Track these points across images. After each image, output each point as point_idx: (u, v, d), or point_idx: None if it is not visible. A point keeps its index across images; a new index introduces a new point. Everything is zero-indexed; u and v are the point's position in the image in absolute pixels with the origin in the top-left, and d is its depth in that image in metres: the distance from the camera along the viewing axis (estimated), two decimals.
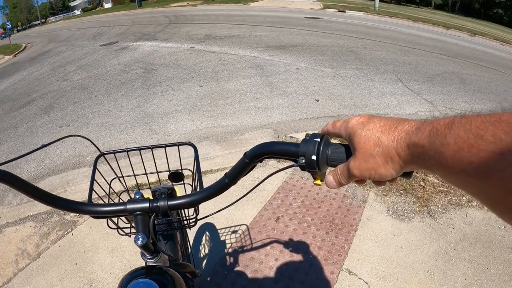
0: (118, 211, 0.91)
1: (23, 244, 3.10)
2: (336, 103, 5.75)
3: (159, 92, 6.97)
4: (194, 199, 0.89)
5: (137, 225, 0.91)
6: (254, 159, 0.78)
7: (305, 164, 0.66)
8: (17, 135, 6.09)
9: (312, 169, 0.67)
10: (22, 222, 3.42)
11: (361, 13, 22.14)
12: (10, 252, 3.02)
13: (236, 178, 0.85)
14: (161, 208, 0.91)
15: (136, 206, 0.91)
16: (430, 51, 10.34)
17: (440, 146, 0.45)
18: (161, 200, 0.91)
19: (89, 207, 0.90)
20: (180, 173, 1.25)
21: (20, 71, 12.61)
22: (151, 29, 16.67)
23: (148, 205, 0.90)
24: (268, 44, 10.40)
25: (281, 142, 0.74)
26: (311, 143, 0.66)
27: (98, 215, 0.91)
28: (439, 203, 2.99)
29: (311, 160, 0.65)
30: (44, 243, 3.06)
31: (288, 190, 3.24)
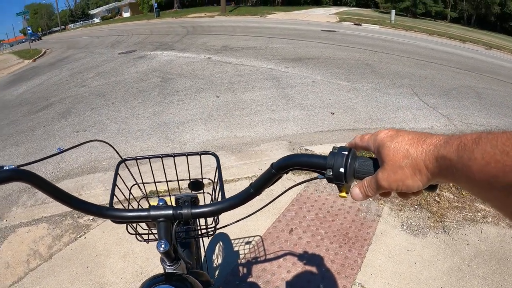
0: (142, 216, 0.92)
1: (36, 244, 3.15)
2: (351, 116, 5.76)
3: (175, 101, 7.05)
4: (218, 208, 0.89)
5: (159, 232, 0.92)
6: (281, 170, 0.78)
7: (332, 177, 0.67)
8: (34, 137, 6.22)
9: (339, 182, 0.67)
10: (35, 223, 3.48)
11: (377, 27, 22.18)
12: (22, 252, 3.06)
13: (261, 188, 0.84)
14: (184, 216, 0.91)
15: (160, 213, 0.91)
16: (446, 65, 10.30)
17: (468, 160, 0.46)
18: (185, 208, 0.91)
19: (114, 212, 0.91)
20: (200, 182, 1.26)
21: (39, 76, 12.88)
22: (169, 39, 16.87)
23: (171, 212, 0.91)
24: (285, 57, 10.45)
25: (308, 154, 0.75)
26: (339, 156, 0.67)
27: (122, 220, 0.92)
28: (454, 219, 2.96)
29: (339, 173, 0.66)
30: (57, 245, 3.10)
31: (302, 203, 3.26)
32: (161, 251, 0.89)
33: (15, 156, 5.56)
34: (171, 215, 0.91)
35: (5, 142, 6.26)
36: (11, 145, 6.06)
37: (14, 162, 5.13)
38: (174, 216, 0.91)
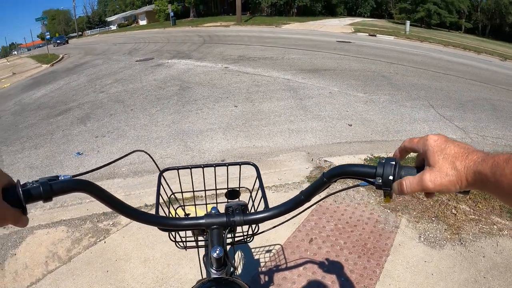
0: (196, 224, 0.96)
1: (54, 247, 3.18)
2: (368, 128, 5.82)
3: (194, 110, 7.16)
4: (270, 215, 0.93)
5: (212, 238, 0.95)
6: (331, 178, 0.85)
7: (382, 184, 0.75)
8: (53, 141, 6.37)
9: (387, 188, 0.75)
10: (54, 226, 3.52)
11: (392, 37, 22.17)
12: (40, 253, 3.10)
13: (311, 195, 0.90)
14: (237, 223, 0.95)
15: (213, 220, 0.95)
16: (462, 77, 10.28)
17: (500, 176, 0.57)
18: (237, 215, 0.96)
19: (170, 221, 0.95)
20: (237, 190, 1.27)
21: (57, 80, 13.13)
22: (186, 48, 17.04)
23: (225, 220, 0.95)
24: (301, 67, 10.53)
25: (357, 164, 0.83)
26: (388, 166, 0.75)
27: (177, 228, 0.96)
28: (470, 231, 3.00)
29: (388, 180, 0.75)
30: (76, 248, 3.12)
31: (321, 213, 3.32)
32: (216, 256, 0.93)
33: (33, 159, 5.70)
34: (225, 222, 0.95)
35: (23, 145, 6.43)
36: (29, 148, 6.21)
37: (33, 164, 5.31)
38: (227, 223, 0.95)
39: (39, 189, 0.72)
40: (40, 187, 0.73)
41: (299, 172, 4.24)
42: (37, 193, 0.72)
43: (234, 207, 1.02)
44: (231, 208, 1.02)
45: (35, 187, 0.73)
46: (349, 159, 4.49)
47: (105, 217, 3.58)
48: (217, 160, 4.88)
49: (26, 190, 0.71)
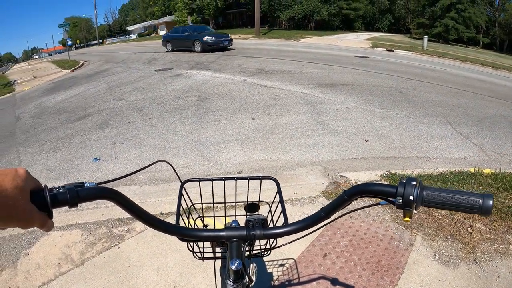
0: (216, 236, 0.98)
1: (68, 249, 3.24)
2: (385, 144, 5.82)
3: (211, 121, 7.23)
4: (290, 230, 0.94)
5: (231, 251, 0.97)
6: (352, 196, 0.86)
7: (402, 203, 0.77)
8: (71, 145, 6.50)
9: (408, 208, 0.77)
10: (69, 229, 3.59)
11: (410, 53, 22.08)
12: (53, 255, 3.16)
13: (331, 213, 0.92)
14: (257, 237, 0.97)
15: (234, 233, 0.97)
16: (479, 93, 10.19)
17: None
18: (257, 229, 0.97)
19: (191, 232, 0.97)
20: (256, 204, 1.29)
21: (77, 86, 13.37)
22: (204, 59, 17.18)
23: (245, 233, 0.97)
24: (319, 82, 10.56)
25: (378, 183, 0.87)
26: (409, 186, 0.77)
27: (197, 239, 0.99)
28: (486, 251, 2.98)
29: (408, 200, 0.76)
30: (89, 251, 3.18)
31: (336, 228, 3.34)
32: (234, 269, 0.94)
33: (51, 161, 5.82)
34: (245, 236, 0.97)
35: (42, 147, 6.58)
36: (48, 150, 6.36)
37: (50, 167, 5.41)
38: (247, 237, 0.97)
39: (66, 194, 0.75)
40: (67, 192, 0.76)
41: (315, 186, 4.26)
42: (63, 199, 0.75)
43: (254, 221, 1.04)
44: (252, 222, 1.05)
45: (62, 192, 0.76)
46: (365, 175, 4.51)
47: (120, 223, 3.65)
48: (233, 172, 4.94)
49: (53, 195, 0.74)
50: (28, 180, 0.71)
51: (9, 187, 0.66)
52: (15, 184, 0.67)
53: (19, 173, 0.69)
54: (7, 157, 6.37)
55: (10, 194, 0.65)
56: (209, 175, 4.86)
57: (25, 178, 0.70)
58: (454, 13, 43.54)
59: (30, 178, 0.72)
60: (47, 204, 0.73)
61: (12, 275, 2.98)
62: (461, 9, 43.59)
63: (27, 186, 0.70)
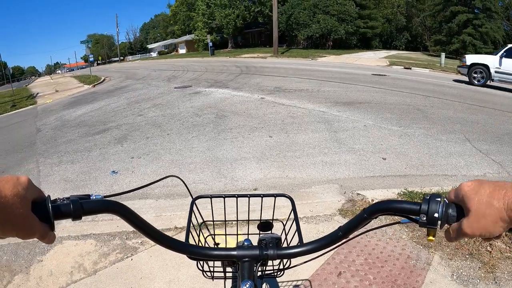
0: (228, 256, 0.93)
1: (81, 258, 3.30)
2: (403, 162, 5.78)
3: (229, 138, 7.29)
4: (305, 250, 0.90)
5: (242, 271, 0.92)
6: (373, 215, 0.82)
7: (426, 221, 0.73)
8: (89, 158, 6.63)
9: (432, 226, 0.73)
10: (83, 238, 3.66)
11: (427, 70, 21.98)
12: (66, 263, 3.23)
13: (350, 232, 0.87)
14: (270, 256, 0.92)
15: (246, 253, 0.92)
16: (498, 109, 10.03)
17: None
18: (271, 249, 0.92)
19: (201, 250, 0.93)
20: (270, 223, 1.23)
21: (98, 101, 13.66)
22: (223, 77, 17.39)
23: (258, 253, 0.92)
24: (336, 100, 10.58)
25: (399, 200, 0.80)
26: (433, 202, 0.73)
27: (208, 258, 0.94)
28: (506, 270, 2.93)
29: (433, 218, 0.73)
30: (102, 262, 3.24)
31: (352, 247, 3.33)
32: None
33: (69, 173, 5.94)
34: (257, 256, 0.92)
35: (61, 158, 6.73)
36: (66, 162, 6.49)
37: (68, 178, 5.52)
38: (260, 257, 0.92)
39: (69, 206, 0.73)
40: (71, 204, 0.73)
41: (331, 204, 4.26)
42: (66, 211, 0.73)
43: (267, 240, 1.00)
44: (265, 241, 1.00)
45: (65, 204, 0.73)
46: (382, 193, 4.49)
47: (134, 235, 3.71)
48: (249, 188, 4.96)
49: (56, 206, 0.72)
50: (30, 189, 0.69)
51: (9, 194, 0.64)
52: (16, 191, 0.65)
53: (20, 181, 0.67)
54: (26, 167, 6.53)
55: (10, 201, 0.63)
56: (225, 191, 4.89)
57: (27, 186, 0.68)
58: (471, 29, 43.26)
59: (33, 187, 0.70)
60: (49, 215, 0.70)
61: (24, 280, 3.06)
62: (478, 25, 43.30)
63: (28, 195, 0.68)
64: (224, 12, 48.84)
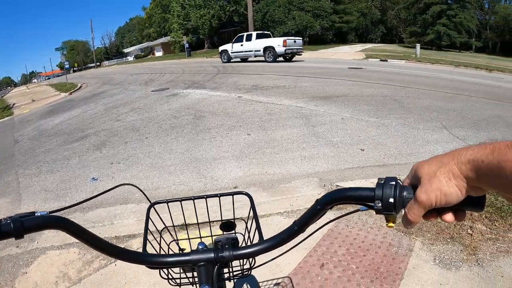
0: (182, 261, 0.90)
1: (65, 267, 3.26)
2: (381, 152, 5.80)
3: (207, 138, 7.23)
4: (261, 248, 0.88)
5: (200, 276, 0.90)
6: (326, 205, 0.78)
7: (382, 208, 0.68)
8: (69, 166, 6.51)
9: (389, 212, 0.68)
10: (66, 247, 3.60)
11: (403, 62, 22.26)
12: (51, 273, 3.18)
13: (305, 225, 0.84)
14: (226, 258, 0.89)
15: (201, 257, 0.90)
16: (474, 96, 10.19)
17: (501, 161, 0.52)
18: (226, 250, 0.90)
19: (153, 258, 0.90)
20: (232, 222, 1.21)
21: (75, 108, 13.44)
22: (200, 78, 17.27)
23: (213, 256, 0.90)
24: (313, 95, 10.59)
25: (354, 187, 0.75)
26: (387, 186, 0.68)
27: (163, 266, 0.91)
28: (488, 251, 2.95)
29: (388, 203, 0.67)
30: (87, 269, 3.20)
31: (333, 238, 3.32)
32: None
33: (49, 182, 5.83)
34: (213, 259, 0.90)
35: (40, 168, 6.58)
36: (46, 172, 6.36)
37: (48, 188, 5.41)
38: (216, 259, 0.90)
39: (9, 226, 0.71)
40: (11, 223, 0.71)
41: (311, 198, 4.24)
42: (7, 230, 0.71)
43: (223, 242, 0.99)
44: (221, 243, 0.99)
45: (6, 223, 0.71)
46: (361, 184, 4.48)
47: (116, 241, 3.68)
48: (229, 187, 4.92)
49: None
50: None
51: None
52: None
53: None
54: (5, 179, 6.36)
55: None
56: (206, 191, 4.85)
57: None
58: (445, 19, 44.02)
59: None
60: None
61: None
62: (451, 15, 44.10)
63: None
64: (199, 13, 48.69)
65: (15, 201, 5.25)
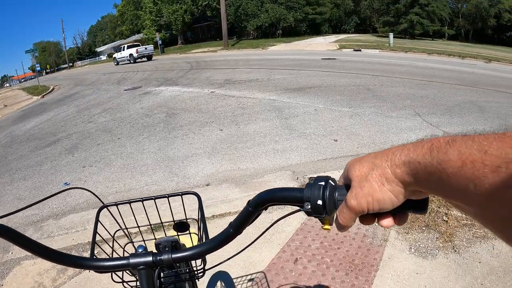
0: (120, 265, 0.87)
1: (40, 277, 3.20)
2: (355, 142, 5.77)
3: (180, 135, 7.13)
4: (199, 251, 0.86)
5: (141, 280, 0.88)
6: (257, 207, 0.75)
7: (311, 210, 0.64)
8: (41, 172, 6.33)
9: (319, 214, 0.64)
10: None
11: (377, 51, 22.46)
12: (26, 284, 3.13)
13: (241, 228, 0.81)
14: (165, 261, 0.87)
15: (139, 260, 0.87)
16: (447, 83, 10.33)
17: (441, 162, 0.43)
18: (165, 253, 0.87)
19: (91, 262, 0.86)
20: (185, 223, 1.20)
21: (47, 112, 13.17)
22: (173, 75, 17.18)
23: (151, 259, 0.87)
24: (286, 87, 10.56)
25: (284, 188, 0.71)
26: (316, 187, 0.64)
27: (100, 270, 0.88)
28: (464, 237, 2.92)
29: (317, 205, 0.63)
30: (61, 277, 3.14)
31: (306, 232, 3.25)
32: None
33: (22, 190, 5.67)
34: (151, 262, 0.87)
35: (12, 176, 6.38)
36: (18, 179, 6.17)
37: (21, 196, 5.24)
38: (155, 263, 0.87)
39: None
40: None
41: None
42: None
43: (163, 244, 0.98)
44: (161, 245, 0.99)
45: None
46: (334, 175, 4.42)
47: (89, 246, 3.54)
48: (202, 184, 4.81)
49: None
50: None
51: None
52: None
53: None
54: None
55: None
56: (178, 189, 4.73)
57: None
58: (417, 8, 44.58)
59: None
60: None
61: None
62: (424, 4, 44.68)
63: None
64: (171, 8, 48.26)
65: None
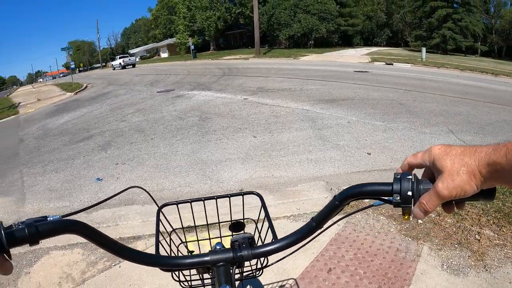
0: (201, 262, 0.89)
1: (69, 268, 3.24)
2: (388, 156, 5.78)
3: (213, 140, 7.23)
4: (279, 246, 0.87)
5: (219, 276, 0.89)
6: (344, 201, 0.79)
7: (400, 201, 0.70)
8: (73, 166, 6.54)
9: (407, 205, 0.71)
10: (70, 248, 3.59)
11: (409, 65, 22.15)
12: (54, 274, 3.17)
13: (323, 221, 0.84)
14: (245, 257, 0.88)
15: (219, 257, 0.89)
16: (480, 100, 10.15)
17: None
18: (244, 249, 0.89)
19: (170, 260, 0.89)
20: (241, 222, 1.21)
21: (81, 108, 13.53)
22: (206, 80, 17.35)
23: (232, 255, 0.88)
24: (319, 98, 10.58)
25: (371, 183, 0.76)
26: (405, 181, 0.71)
27: (180, 267, 0.89)
28: (495, 257, 2.93)
29: (407, 196, 0.70)
30: (91, 270, 3.18)
31: (340, 242, 3.30)
32: None
33: (54, 182, 5.86)
34: (232, 258, 0.89)
35: (45, 168, 6.61)
36: (50, 171, 6.39)
37: (53, 187, 5.40)
38: (235, 259, 0.89)
39: (24, 231, 0.67)
40: (26, 229, 0.67)
41: (317, 201, 4.23)
42: (22, 236, 0.67)
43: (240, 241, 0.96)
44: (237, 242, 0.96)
45: (20, 229, 0.67)
46: None
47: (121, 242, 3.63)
48: (235, 189, 4.91)
49: (10, 233, 0.66)
50: None
51: None
52: None
53: None
54: (10, 178, 6.39)
55: None
56: (211, 193, 4.83)
57: None
58: (451, 23, 43.77)
59: None
60: (2, 244, 0.64)
61: None
62: (457, 19, 43.84)
63: None
64: (205, 15, 48.76)
65: (19, 200, 5.26)
